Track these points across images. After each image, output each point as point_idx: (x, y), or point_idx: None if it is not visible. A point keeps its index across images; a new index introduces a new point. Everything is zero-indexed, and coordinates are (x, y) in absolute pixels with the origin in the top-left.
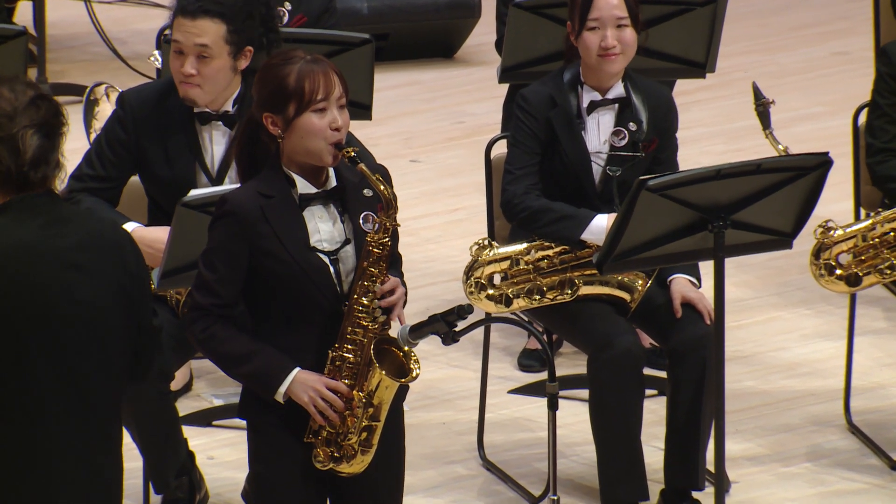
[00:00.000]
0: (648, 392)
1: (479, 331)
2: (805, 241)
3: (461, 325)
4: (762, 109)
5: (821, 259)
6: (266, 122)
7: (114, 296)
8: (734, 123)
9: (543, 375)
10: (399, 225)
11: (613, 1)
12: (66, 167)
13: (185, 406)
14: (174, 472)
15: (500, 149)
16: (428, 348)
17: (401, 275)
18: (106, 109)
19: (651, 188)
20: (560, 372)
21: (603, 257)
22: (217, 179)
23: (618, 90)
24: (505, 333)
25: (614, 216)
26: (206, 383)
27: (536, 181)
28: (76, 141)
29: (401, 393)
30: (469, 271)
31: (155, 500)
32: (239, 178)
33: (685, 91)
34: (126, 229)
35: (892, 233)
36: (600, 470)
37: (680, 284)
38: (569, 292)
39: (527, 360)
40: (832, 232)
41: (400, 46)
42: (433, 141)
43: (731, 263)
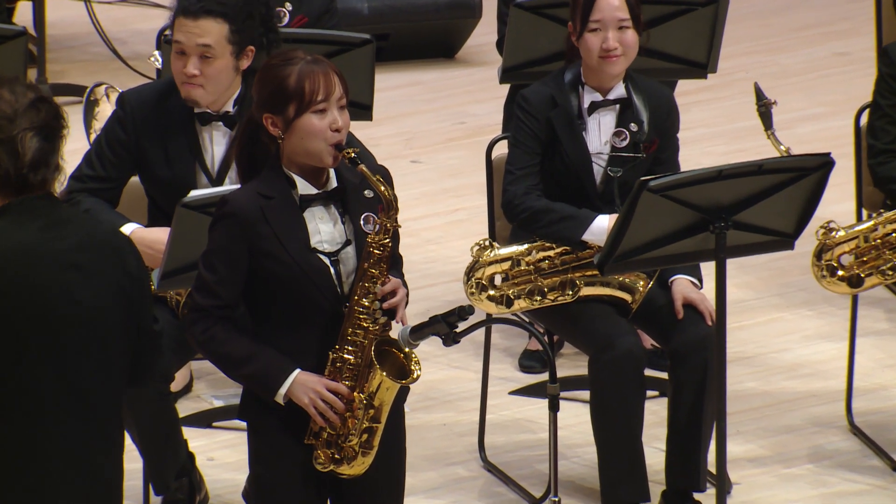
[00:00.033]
0: (650, 393)
1: (480, 332)
2: (807, 242)
3: (462, 326)
4: (764, 110)
5: (823, 260)
6: (266, 123)
7: (113, 297)
8: (736, 124)
9: (544, 377)
10: (400, 226)
11: (615, 2)
12: (66, 170)
13: (186, 407)
14: (174, 474)
15: (502, 149)
16: (429, 349)
17: (402, 276)
18: (106, 110)
19: (652, 189)
20: (561, 373)
21: (604, 258)
22: (217, 180)
23: (619, 91)
24: (506, 334)
25: (615, 217)
26: (207, 384)
27: (537, 182)
28: (76, 141)
29: (402, 394)
30: (470, 272)
31: (155, 502)
32: (239, 179)
33: (686, 91)
34: (125, 232)
35: (895, 234)
36: (601, 471)
37: (681, 285)
38: (570, 293)
39: (528, 362)
40: (834, 233)
41: (401, 47)
42: (434, 141)
43: (733, 264)
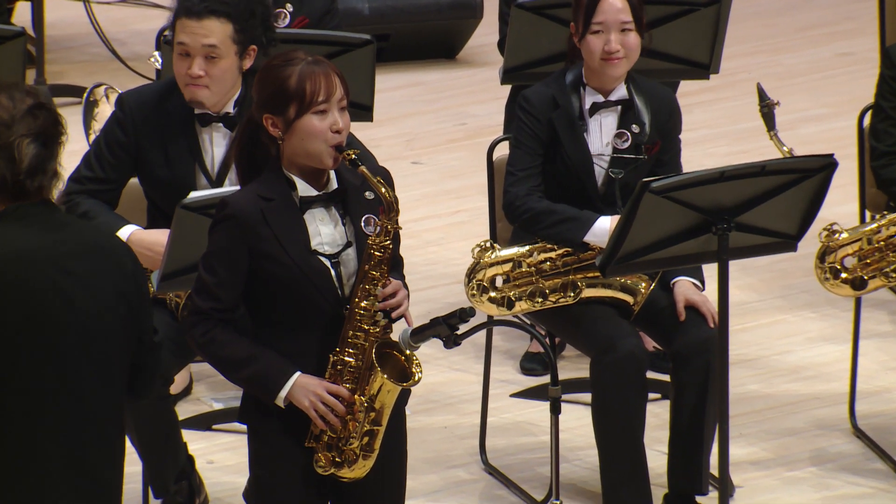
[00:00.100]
0: (652, 396)
1: (481, 334)
2: (810, 244)
3: (463, 329)
4: (767, 111)
5: (826, 262)
6: (266, 124)
7: (111, 301)
8: (738, 125)
9: (546, 379)
10: (401, 227)
11: (618, 5)
12: (64, 176)
13: (185, 410)
14: (174, 477)
15: (503, 150)
16: (430, 352)
17: (402, 277)
18: (105, 111)
19: (654, 190)
20: (563, 375)
21: (606, 260)
22: (217, 181)
23: (620, 92)
24: (507, 336)
25: (617, 218)
26: (206, 387)
27: (539, 183)
28: (75, 143)
29: (403, 397)
30: (471, 274)
31: None
32: (238, 180)
33: (689, 92)
34: (124, 234)
35: None
36: (603, 474)
37: (683, 287)
38: (571, 295)
39: (529, 364)
40: (837, 235)
41: (401, 47)
42: (435, 142)
43: (735, 266)
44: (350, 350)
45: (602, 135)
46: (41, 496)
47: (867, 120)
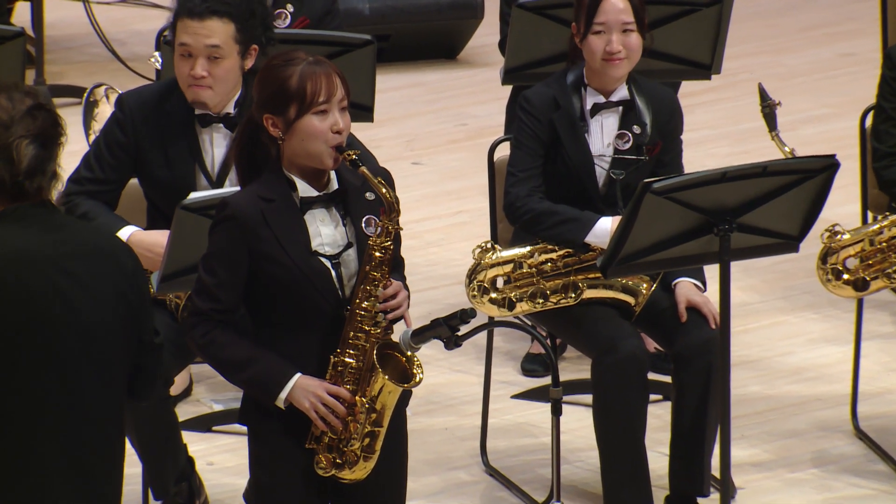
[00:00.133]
0: (653, 397)
1: (482, 335)
2: (812, 245)
3: (464, 330)
4: (768, 111)
5: (828, 264)
6: (266, 124)
7: (111, 303)
8: (740, 125)
9: (547, 380)
10: (402, 228)
11: (620, 5)
12: (63, 177)
13: (185, 411)
14: (174, 478)
15: (504, 151)
16: (430, 353)
17: (403, 279)
18: (105, 111)
19: (656, 191)
20: (564, 376)
21: (607, 261)
22: (217, 182)
23: (622, 93)
24: (508, 338)
25: (618, 219)
26: (206, 388)
27: (539, 183)
28: (75, 143)
29: (404, 398)
30: (472, 275)
31: None
32: (238, 181)
33: (690, 92)
34: (124, 235)
35: None
36: (604, 475)
37: (685, 288)
38: (572, 296)
39: (530, 365)
40: (839, 236)
41: (402, 47)
42: (435, 143)
43: (737, 267)
44: (351, 351)
45: (603, 135)
46: (41, 496)
47: (869, 121)
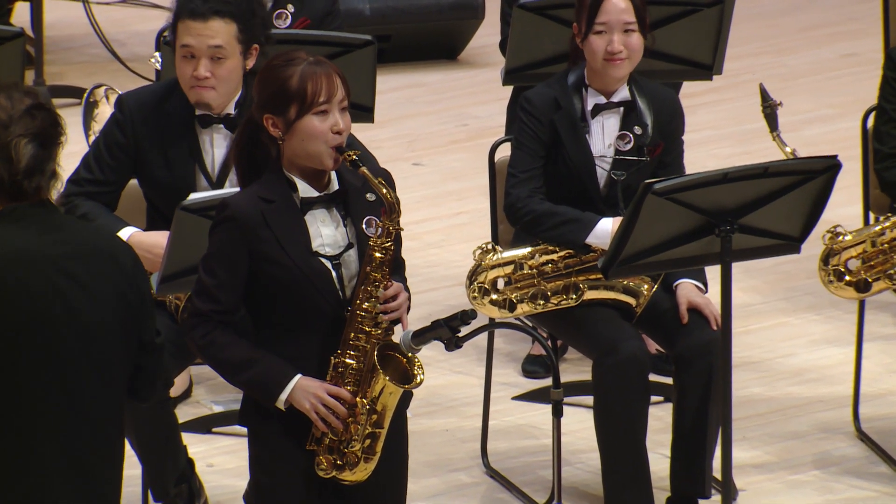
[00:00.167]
0: (654, 398)
1: (483, 336)
2: (813, 246)
3: (464, 331)
4: (769, 111)
5: (829, 265)
6: (266, 124)
7: (111, 304)
8: (742, 126)
9: (548, 382)
10: (402, 229)
11: (621, 5)
12: (63, 177)
13: (185, 413)
14: (173, 480)
15: (504, 152)
16: (431, 354)
17: (404, 280)
18: (105, 112)
19: (657, 192)
20: (565, 378)
21: (608, 262)
22: (218, 183)
23: (623, 93)
24: (509, 339)
25: (619, 220)
26: (206, 390)
27: (540, 184)
28: (75, 144)
29: (405, 399)
30: (472, 276)
31: None
32: (238, 181)
33: (692, 93)
34: (123, 239)
35: None
36: (605, 477)
37: (686, 290)
38: (573, 297)
39: (531, 366)
40: (841, 237)
41: (402, 48)
42: (436, 144)
43: (739, 268)
44: (351, 352)
45: (604, 136)
46: (41, 496)
47: (871, 121)
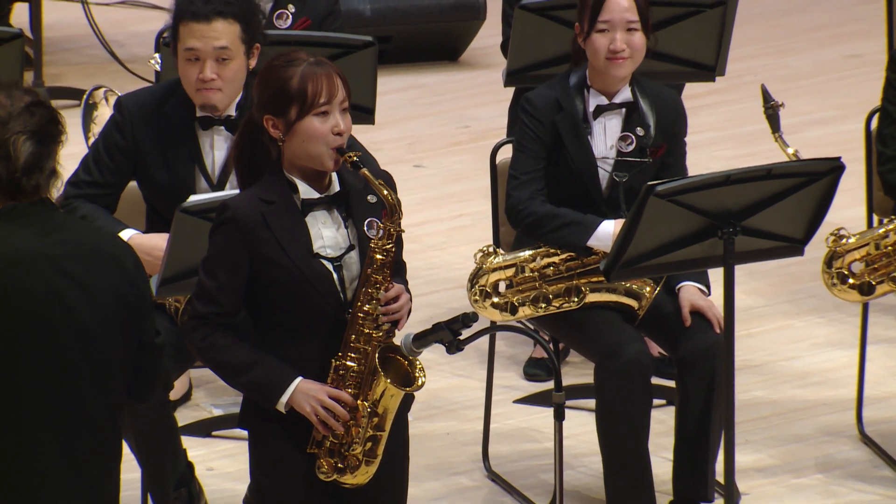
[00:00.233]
0: (656, 402)
1: (484, 339)
2: (817, 248)
3: (466, 334)
4: (771, 112)
5: (833, 268)
6: (267, 125)
7: (110, 304)
8: (744, 127)
9: (550, 385)
10: (403, 230)
11: (625, 4)
12: (63, 175)
13: (184, 416)
14: (173, 484)
15: (506, 153)
16: (432, 357)
17: (405, 282)
18: (105, 113)
19: (659, 194)
20: (567, 381)
21: (610, 264)
22: (218, 185)
23: (625, 94)
24: (510, 342)
25: (621, 222)
26: (206, 393)
27: (542, 186)
28: (74, 146)
29: (406, 402)
30: (473, 279)
31: None
32: (237, 182)
33: (694, 94)
34: (124, 239)
35: None
36: (607, 480)
37: (689, 292)
38: (575, 300)
39: (533, 369)
40: (844, 240)
41: (403, 49)
42: (437, 145)
43: (742, 271)
44: (352, 354)
45: (606, 138)
46: (40, 497)
47: (874, 123)
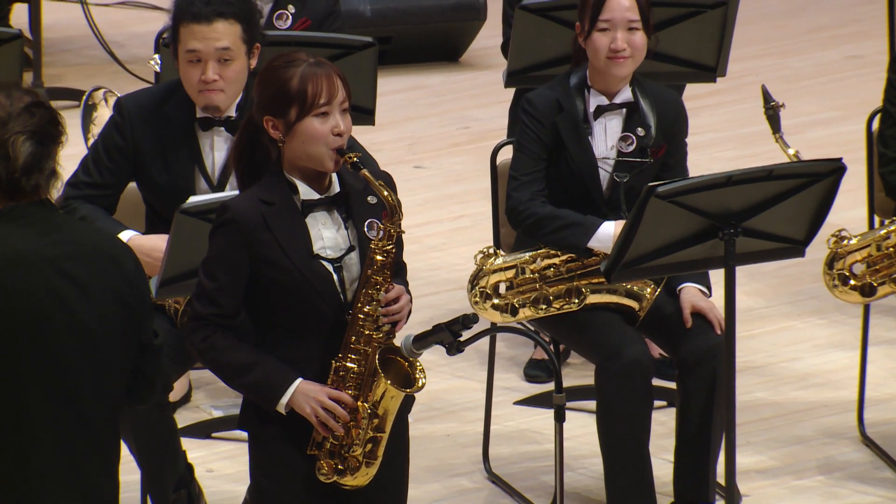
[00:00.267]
0: (657, 403)
1: (485, 341)
2: (818, 249)
3: (466, 335)
4: (772, 113)
5: (834, 269)
6: (266, 126)
7: (110, 305)
8: (746, 128)
9: (550, 386)
10: (404, 232)
11: (626, 3)
12: (63, 175)
13: (184, 418)
14: (173, 485)
15: (506, 154)
16: (432, 358)
17: (406, 283)
18: (104, 114)
19: (660, 195)
20: (567, 382)
21: (611, 265)
22: (219, 186)
23: (625, 95)
24: (511, 343)
25: (622, 223)
26: (205, 394)
27: (542, 187)
28: (74, 147)
29: (407, 403)
30: (474, 280)
31: None
32: (237, 183)
33: (695, 95)
34: (124, 240)
35: None
36: (608, 482)
37: (690, 294)
38: (576, 301)
39: (533, 371)
40: (846, 241)
41: (404, 50)
42: (437, 146)
43: (743, 272)
44: (352, 356)
45: (607, 138)
46: (39, 497)
47: (876, 124)
